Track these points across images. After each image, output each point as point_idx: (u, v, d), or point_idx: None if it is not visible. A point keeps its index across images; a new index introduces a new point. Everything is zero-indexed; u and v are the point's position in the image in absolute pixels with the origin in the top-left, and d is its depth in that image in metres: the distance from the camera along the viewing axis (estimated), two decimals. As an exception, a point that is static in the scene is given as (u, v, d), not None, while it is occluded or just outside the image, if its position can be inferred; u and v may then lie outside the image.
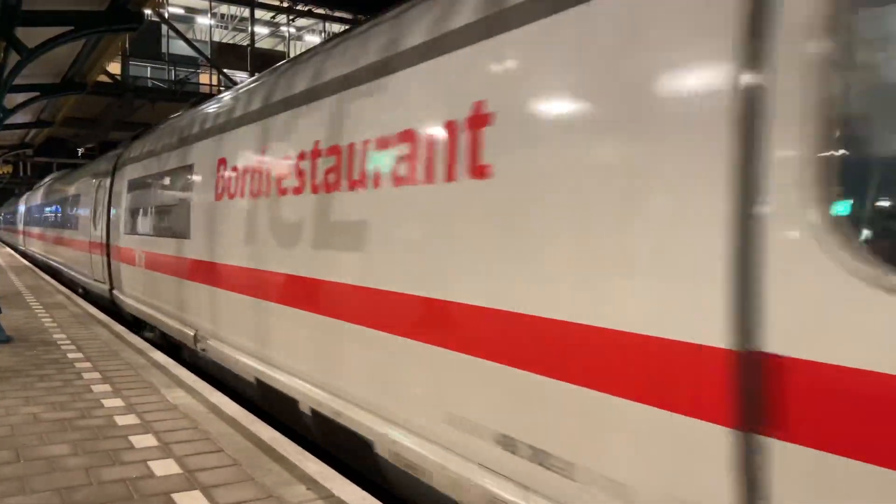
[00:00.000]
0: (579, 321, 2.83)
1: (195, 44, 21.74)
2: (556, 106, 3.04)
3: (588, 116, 2.86)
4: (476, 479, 3.32)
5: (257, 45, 26.67)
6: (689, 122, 2.43)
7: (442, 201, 3.63)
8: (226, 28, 39.60)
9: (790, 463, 2.11)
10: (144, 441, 4.81)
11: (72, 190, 17.37)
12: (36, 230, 26.76)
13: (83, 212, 15.05)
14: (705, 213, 2.36)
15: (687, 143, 2.44)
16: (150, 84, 24.83)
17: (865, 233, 2.04)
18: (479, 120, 3.39)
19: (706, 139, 2.35)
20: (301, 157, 5.22)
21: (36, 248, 26.39)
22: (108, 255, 12.33)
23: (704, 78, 2.40)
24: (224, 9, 37.41)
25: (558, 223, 2.97)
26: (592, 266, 2.79)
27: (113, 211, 12.08)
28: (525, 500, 3.05)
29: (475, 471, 3.34)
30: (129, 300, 10.87)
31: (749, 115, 2.22)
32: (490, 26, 3.41)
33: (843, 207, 2.04)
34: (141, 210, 10.14)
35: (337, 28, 31.60)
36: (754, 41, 2.22)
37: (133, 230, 10.49)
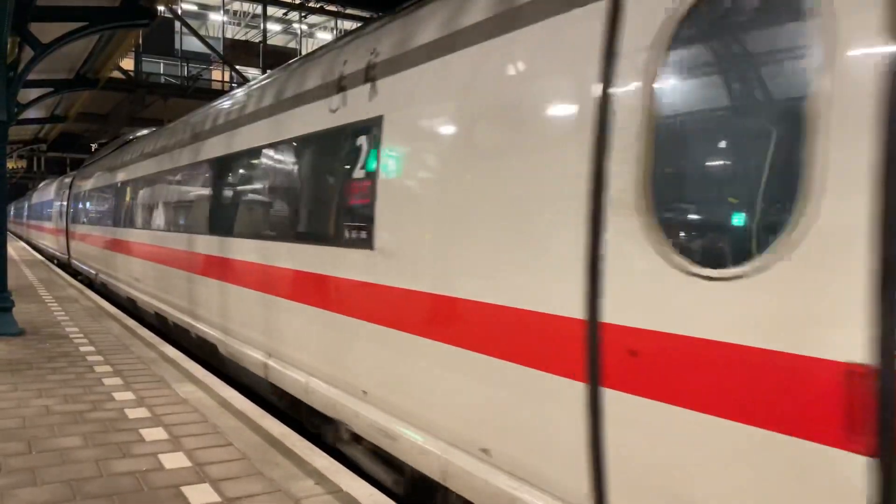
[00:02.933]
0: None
1: (208, 40, 21.81)
2: None
3: None
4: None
5: (269, 41, 26.73)
6: None
7: None
8: (238, 25, 39.75)
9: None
10: (155, 434, 4.85)
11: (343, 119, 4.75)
12: (109, 234, 13.06)
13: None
14: None
15: None
16: (162, 80, 24.97)
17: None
18: None
19: None
20: None
21: (124, 281, 11.91)
22: None
23: None
24: (236, 6, 37.56)
25: None
26: None
27: None
28: None
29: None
30: None
31: None
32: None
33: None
34: None
35: (349, 25, 31.66)
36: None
37: None
